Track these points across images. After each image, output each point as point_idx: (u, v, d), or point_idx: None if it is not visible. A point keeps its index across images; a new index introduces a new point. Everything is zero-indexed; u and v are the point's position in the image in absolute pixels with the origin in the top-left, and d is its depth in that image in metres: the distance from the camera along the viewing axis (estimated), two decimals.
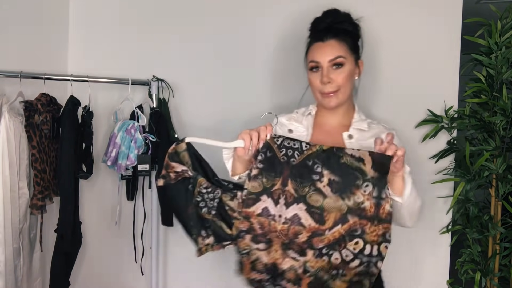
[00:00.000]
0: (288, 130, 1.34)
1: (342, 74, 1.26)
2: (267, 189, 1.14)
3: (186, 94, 2.02)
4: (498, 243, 1.70)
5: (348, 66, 1.27)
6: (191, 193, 1.20)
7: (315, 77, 1.29)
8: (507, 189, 1.69)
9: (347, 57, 1.27)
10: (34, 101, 1.67)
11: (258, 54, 1.92)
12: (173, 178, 1.20)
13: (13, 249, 1.62)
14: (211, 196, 1.20)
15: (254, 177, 1.16)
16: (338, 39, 1.27)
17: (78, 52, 2.10)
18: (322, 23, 1.31)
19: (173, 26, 2.01)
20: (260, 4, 1.92)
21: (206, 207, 1.20)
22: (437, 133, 1.73)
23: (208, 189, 1.20)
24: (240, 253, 1.20)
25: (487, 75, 1.71)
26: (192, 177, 1.20)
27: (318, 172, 1.11)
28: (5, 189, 1.58)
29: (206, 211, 1.20)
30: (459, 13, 1.74)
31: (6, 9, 1.72)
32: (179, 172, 1.20)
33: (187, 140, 1.20)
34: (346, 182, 1.09)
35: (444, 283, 1.80)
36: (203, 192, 1.20)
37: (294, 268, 1.12)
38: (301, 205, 1.11)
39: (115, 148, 1.83)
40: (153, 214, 2.00)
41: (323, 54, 1.27)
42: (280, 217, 1.12)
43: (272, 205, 1.13)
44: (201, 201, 1.20)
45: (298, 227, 1.11)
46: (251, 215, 1.15)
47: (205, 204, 1.20)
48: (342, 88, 1.27)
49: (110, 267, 2.15)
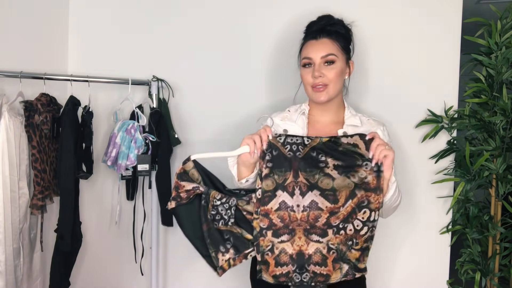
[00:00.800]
0: (283, 130, 1.38)
1: (332, 70, 1.32)
2: (280, 185, 1.23)
3: (186, 94, 2.02)
4: (498, 243, 1.71)
5: (339, 64, 1.33)
6: (205, 209, 1.25)
7: (307, 72, 1.35)
8: (507, 189, 1.69)
9: (339, 56, 1.33)
10: (34, 101, 1.67)
11: (258, 54, 1.92)
12: (184, 198, 1.26)
13: (13, 249, 1.62)
14: (227, 206, 1.25)
15: (266, 176, 1.23)
16: (330, 38, 1.34)
17: (78, 52, 2.10)
18: (316, 25, 1.38)
19: (173, 26, 2.01)
20: (260, 5, 1.92)
21: (222, 219, 1.25)
22: (437, 133, 1.73)
23: (222, 199, 1.25)
24: (263, 252, 1.23)
25: (487, 75, 1.71)
26: (204, 192, 1.25)
27: (323, 160, 1.23)
28: (5, 189, 1.58)
29: (223, 223, 1.25)
30: (459, 13, 1.74)
31: (6, 9, 1.72)
32: (190, 190, 1.25)
33: (193, 158, 1.25)
34: (349, 163, 1.22)
35: (444, 283, 1.80)
36: (217, 204, 1.25)
37: (320, 250, 1.22)
38: (315, 192, 1.22)
39: (115, 148, 1.83)
40: (153, 214, 2.00)
41: (316, 50, 1.33)
42: (298, 206, 1.22)
43: (288, 198, 1.22)
44: (217, 214, 1.25)
45: (317, 211, 1.21)
46: (269, 212, 1.23)
47: (220, 216, 1.25)
48: (332, 84, 1.33)
49: (110, 267, 2.15)
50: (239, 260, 1.25)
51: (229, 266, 1.25)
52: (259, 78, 1.93)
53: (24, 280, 1.72)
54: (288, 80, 1.80)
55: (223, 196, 1.26)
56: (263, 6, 1.92)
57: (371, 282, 1.84)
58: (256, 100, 1.92)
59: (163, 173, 1.92)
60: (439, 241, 1.80)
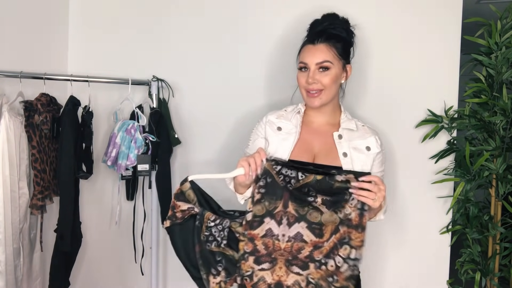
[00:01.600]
0: (277, 127, 1.40)
1: (327, 76, 1.33)
2: (269, 212, 1.24)
3: (186, 94, 2.02)
4: (498, 243, 1.71)
5: (334, 70, 1.33)
6: (199, 229, 1.27)
7: (303, 76, 1.36)
8: (507, 189, 1.69)
9: (334, 62, 1.33)
10: (34, 101, 1.67)
11: (258, 54, 1.92)
12: (179, 218, 1.28)
13: (13, 249, 1.62)
14: (220, 228, 1.27)
15: (258, 201, 1.24)
16: (328, 44, 1.33)
17: (78, 52, 2.10)
18: (319, 26, 1.37)
19: (173, 26, 2.01)
20: (260, 6, 1.92)
21: (215, 240, 1.26)
22: (437, 133, 1.73)
23: (216, 221, 1.27)
24: (242, 276, 1.24)
25: (487, 75, 1.71)
26: (199, 213, 1.27)
27: (313, 195, 1.23)
28: (5, 189, 1.58)
29: (215, 245, 1.26)
30: (459, 13, 1.74)
31: (6, 9, 1.72)
32: (185, 211, 1.27)
33: (190, 179, 1.28)
34: (337, 199, 1.21)
35: (444, 283, 1.80)
36: (211, 225, 1.27)
37: (298, 283, 1.21)
38: (302, 223, 1.22)
39: (115, 148, 1.83)
40: (153, 214, 2.00)
41: (312, 56, 1.34)
42: (283, 236, 1.22)
43: (275, 226, 1.23)
44: (210, 236, 1.27)
45: (301, 243, 1.22)
46: (255, 237, 1.24)
47: (213, 238, 1.26)
48: (326, 89, 1.33)
49: (110, 267, 2.15)
50: (230, 284, 1.26)
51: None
52: (259, 78, 1.93)
53: (24, 280, 1.72)
54: (288, 80, 1.80)
55: (217, 217, 1.27)
56: (263, 6, 1.92)
57: (371, 282, 1.85)
58: (256, 100, 1.92)
59: (163, 173, 1.92)
60: (439, 241, 1.80)
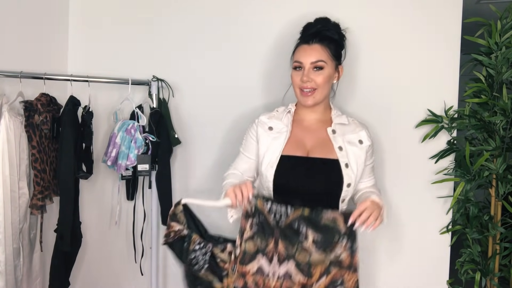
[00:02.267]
0: (269, 127, 1.45)
1: (320, 76, 1.39)
2: (261, 249, 1.26)
3: (186, 94, 2.02)
4: (498, 243, 1.71)
5: (327, 70, 1.39)
6: (186, 251, 1.33)
7: (297, 75, 1.41)
8: (507, 189, 1.69)
9: (328, 62, 1.39)
10: (34, 101, 1.67)
11: (258, 54, 1.92)
12: (171, 237, 1.34)
13: (13, 249, 1.63)
14: (203, 251, 1.32)
15: (249, 238, 1.27)
16: (322, 45, 1.39)
17: (78, 52, 2.10)
18: (312, 28, 1.43)
19: (173, 26, 2.01)
20: (260, 7, 1.92)
21: (197, 264, 1.31)
22: (437, 133, 1.73)
23: (201, 244, 1.32)
24: None
25: (487, 75, 1.71)
26: (187, 235, 1.33)
27: (303, 232, 1.23)
28: (5, 189, 1.58)
29: (197, 268, 1.31)
30: (459, 13, 1.74)
31: (6, 9, 1.72)
32: (177, 231, 1.33)
33: (183, 202, 1.33)
34: (327, 239, 1.23)
35: (444, 283, 1.80)
36: (196, 249, 1.32)
37: None
38: (291, 262, 1.24)
39: (115, 148, 1.83)
40: (153, 214, 2.00)
41: (306, 56, 1.39)
42: (273, 274, 1.25)
43: (266, 264, 1.26)
44: (194, 259, 1.31)
45: (290, 282, 1.24)
46: (246, 273, 1.27)
47: (196, 261, 1.31)
48: (320, 88, 1.39)
49: (110, 267, 2.15)
50: None
51: None
52: (259, 78, 1.93)
53: (24, 280, 1.72)
54: (287, 80, 1.80)
55: (202, 240, 1.32)
56: (262, 7, 1.92)
57: (370, 282, 1.85)
58: (256, 100, 1.92)
59: (163, 173, 1.92)
60: (439, 241, 1.80)
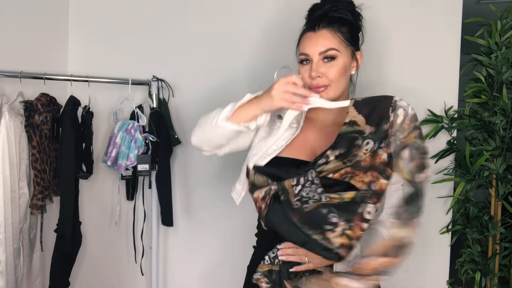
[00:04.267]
0: (278, 115, 1.23)
1: (333, 68, 1.13)
2: None
3: (186, 94, 2.02)
4: (498, 243, 1.71)
5: (341, 59, 1.14)
6: (288, 203, 1.06)
7: (305, 70, 1.16)
8: (507, 189, 1.69)
9: (341, 49, 1.14)
10: (34, 101, 1.67)
11: (258, 54, 1.92)
12: (264, 208, 1.09)
13: (13, 249, 1.62)
14: (309, 183, 1.05)
15: None
16: (331, 29, 1.14)
17: (78, 52, 2.10)
18: (318, 10, 1.18)
19: (173, 26, 2.01)
20: (260, 6, 1.92)
21: (311, 199, 1.04)
22: (437, 133, 1.73)
23: (300, 180, 1.06)
24: None
25: (487, 75, 1.71)
26: (279, 188, 1.08)
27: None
28: (5, 189, 1.58)
29: (314, 202, 1.03)
30: (459, 13, 1.74)
31: (6, 9, 1.72)
32: (265, 196, 1.09)
33: (250, 166, 1.14)
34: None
35: (444, 283, 1.80)
36: (299, 189, 1.06)
37: None
38: None
39: (115, 148, 1.83)
40: (153, 214, 2.00)
41: (313, 45, 1.14)
42: None
43: None
44: (301, 198, 1.04)
45: None
46: None
47: (308, 197, 1.04)
48: (334, 83, 1.13)
49: (110, 267, 2.15)
50: (358, 228, 1.00)
51: (350, 239, 1.00)
52: (259, 78, 1.93)
53: (24, 280, 1.72)
54: None
55: (298, 176, 1.07)
56: (265, 7, 1.91)
57: None
58: None
59: (163, 173, 1.92)
60: (439, 241, 1.80)
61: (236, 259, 1.96)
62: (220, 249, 2.03)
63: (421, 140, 1.03)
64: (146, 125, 1.92)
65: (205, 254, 2.05)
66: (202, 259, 2.06)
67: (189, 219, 2.06)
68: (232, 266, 1.99)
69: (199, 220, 2.04)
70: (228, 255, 2.02)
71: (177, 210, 2.05)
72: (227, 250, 2.02)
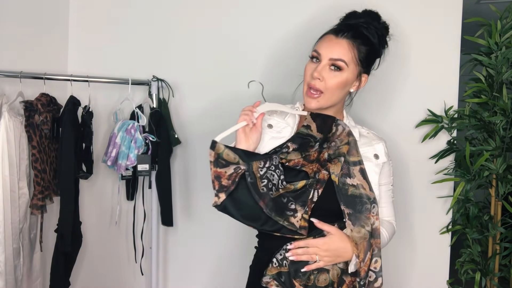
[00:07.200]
0: (268, 125, 1.26)
1: (335, 78, 1.16)
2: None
3: (186, 94, 2.02)
4: (498, 243, 1.71)
5: (346, 74, 1.17)
6: (254, 185, 1.12)
7: (311, 67, 1.19)
8: (507, 189, 1.69)
9: (350, 65, 1.16)
10: (34, 101, 1.67)
11: (259, 54, 1.92)
12: (230, 184, 1.12)
13: (13, 249, 1.62)
14: (273, 168, 1.15)
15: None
16: (352, 43, 1.16)
17: (78, 52, 2.10)
18: (353, 19, 1.22)
19: (173, 26, 2.01)
20: (260, 5, 1.92)
21: (273, 185, 1.14)
22: (437, 133, 1.73)
23: (266, 164, 1.14)
24: None
25: (487, 75, 1.71)
26: (246, 169, 1.13)
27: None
28: (5, 189, 1.58)
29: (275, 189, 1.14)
30: (459, 13, 1.74)
31: (6, 9, 1.72)
32: (233, 174, 1.13)
33: (217, 139, 1.16)
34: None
35: (444, 283, 1.80)
36: (264, 172, 1.13)
37: None
38: None
39: (115, 148, 1.83)
40: (153, 214, 2.00)
41: (328, 48, 1.17)
42: None
43: None
44: (268, 183, 1.13)
45: None
46: None
47: (271, 183, 1.14)
48: (328, 93, 1.17)
49: (110, 267, 2.15)
50: (310, 209, 1.15)
51: (308, 221, 1.14)
52: (258, 78, 1.93)
53: (24, 280, 1.72)
54: (290, 81, 1.80)
55: (265, 160, 1.14)
56: (263, 7, 1.92)
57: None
58: (256, 100, 1.92)
59: (163, 173, 1.92)
60: (439, 241, 1.80)
61: (236, 259, 1.97)
62: (220, 249, 2.03)
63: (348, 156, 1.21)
64: (146, 125, 1.92)
65: (205, 254, 2.05)
66: (202, 259, 2.06)
67: (189, 219, 2.06)
68: (232, 266, 1.99)
69: (199, 220, 2.04)
70: (228, 255, 2.02)
71: (177, 210, 2.05)
72: (227, 250, 2.02)
